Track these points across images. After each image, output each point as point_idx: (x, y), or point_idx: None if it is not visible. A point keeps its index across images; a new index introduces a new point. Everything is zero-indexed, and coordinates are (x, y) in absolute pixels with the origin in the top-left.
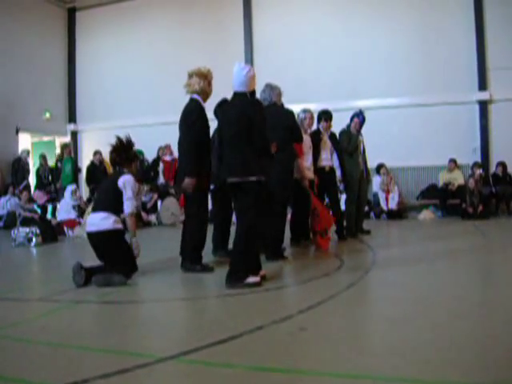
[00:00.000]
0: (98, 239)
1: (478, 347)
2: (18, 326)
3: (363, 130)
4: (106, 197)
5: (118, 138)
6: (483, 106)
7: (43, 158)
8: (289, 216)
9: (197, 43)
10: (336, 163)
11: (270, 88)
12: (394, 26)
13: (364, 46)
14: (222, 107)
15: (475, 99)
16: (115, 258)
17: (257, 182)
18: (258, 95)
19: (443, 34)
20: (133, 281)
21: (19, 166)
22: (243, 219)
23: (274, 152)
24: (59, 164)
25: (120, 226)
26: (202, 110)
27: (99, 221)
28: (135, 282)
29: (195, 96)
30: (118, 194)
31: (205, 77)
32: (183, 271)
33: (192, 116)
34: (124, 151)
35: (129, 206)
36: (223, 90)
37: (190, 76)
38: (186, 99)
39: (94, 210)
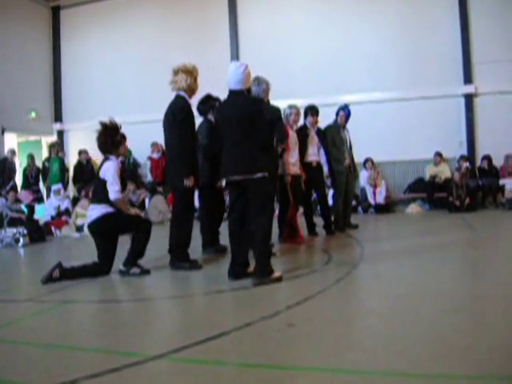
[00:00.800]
0: (96, 227)
1: (467, 341)
2: (7, 327)
3: (349, 125)
4: (95, 189)
5: (102, 123)
6: (468, 99)
7: (31, 157)
8: (276, 212)
9: (183, 40)
10: (323, 159)
11: (258, 83)
12: (380, 21)
13: (350, 40)
14: (220, 106)
15: (461, 93)
16: (127, 226)
17: (263, 178)
18: None
19: (428, 28)
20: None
21: (5, 167)
22: (258, 217)
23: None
24: (46, 164)
25: (110, 209)
26: (189, 108)
27: (90, 212)
28: (127, 281)
29: (181, 93)
30: (104, 184)
31: (191, 73)
32: (172, 269)
33: (181, 113)
34: (110, 136)
35: (111, 193)
36: (209, 86)
37: (176, 73)
38: (172, 97)
39: (91, 202)
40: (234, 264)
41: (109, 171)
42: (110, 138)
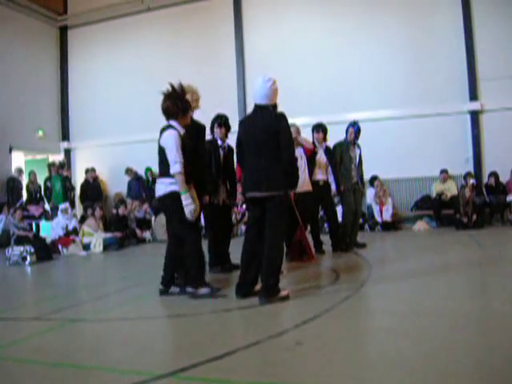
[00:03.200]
0: (160, 204)
1: (474, 359)
2: (13, 345)
3: (359, 142)
4: (159, 161)
5: (171, 85)
6: (474, 116)
7: (33, 174)
8: None
9: (188, 58)
10: (331, 177)
11: None
12: (385, 39)
13: (356, 58)
14: (244, 121)
15: (466, 109)
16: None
17: (282, 196)
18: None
19: (434, 45)
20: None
21: (14, 185)
22: (274, 234)
23: None
24: (48, 183)
25: (176, 186)
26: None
27: (157, 186)
28: (134, 299)
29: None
30: (164, 154)
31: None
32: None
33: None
34: (179, 99)
35: (171, 165)
36: (214, 102)
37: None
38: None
39: (159, 176)
40: (242, 282)
41: (169, 139)
42: (180, 101)
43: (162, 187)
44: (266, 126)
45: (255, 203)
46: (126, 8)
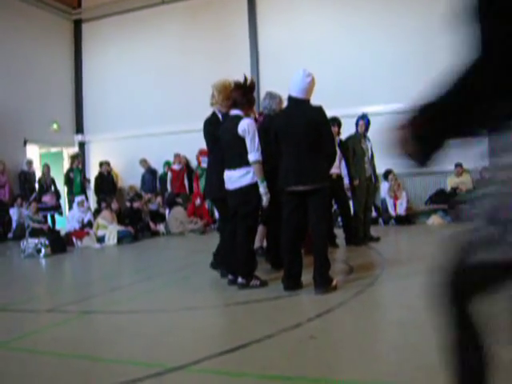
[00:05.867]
0: (237, 196)
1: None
2: (28, 337)
3: (371, 136)
4: (234, 150)
5: (245, 76)
6: None
7: (47, 167)
8: None
9: (202, 52)
10: (344, 171)
11: (270, 96)
12: (398, 32)
13: (369, 52)
14: (280, 115)
15: None
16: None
17: (325, 188)
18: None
19: (445, 38)
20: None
21: (26, 178)
22: (320, 226)
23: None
24: (71, 174)
25: (255, 178)
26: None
27: (237, 178)
28: (148, 291)
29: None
30: (243, 143)
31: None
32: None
33: None
34: (249, 92)
35: (253, 153)
36: None
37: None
38: (193, 108)
39: (228, 168)
40: (289, 276)
41: (250, 127)
42: (249, 94)
43: (249, 176)
44: (307, 120)
45: (294, 196)
46: (141, 1)
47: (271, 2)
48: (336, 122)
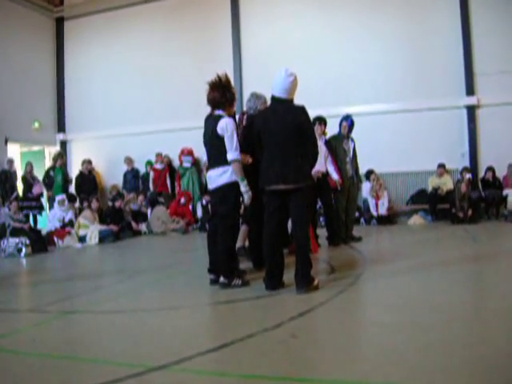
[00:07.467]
0: (215, 195)
1: (469, 353)
2: (8, 337)
3: (354, 136)
4: (214, 149)
5: (218, 76)
6: (471, 110)
7: (29, 165)
8: None
9: (185, 51)
10: (331, 168)
11: (256, 97)
12: (383, 33)
13: (353, 52)
14: (262, 114)
15: (463, 104)
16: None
17: (307, 187)
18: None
19: (431, 40)
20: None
21: (7, 177)
22: (302, 225)
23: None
24: (51, 173)
25: (234, 176)
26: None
27: (216, 177)
28: (130, 291)
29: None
30: (222, 142)
31: None
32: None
33: None
34: (227, 89)
35: (231, 152)
36: None
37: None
38: (175, 108)
39: (210, 167)
40: (270, 275)
41: (229, 126)
42: (227, 91)
43: (226, 176)
44: (290, 119)
45: (276, 195)
46: (124, 0)
47: (254, 2)
48: (322, 120)
